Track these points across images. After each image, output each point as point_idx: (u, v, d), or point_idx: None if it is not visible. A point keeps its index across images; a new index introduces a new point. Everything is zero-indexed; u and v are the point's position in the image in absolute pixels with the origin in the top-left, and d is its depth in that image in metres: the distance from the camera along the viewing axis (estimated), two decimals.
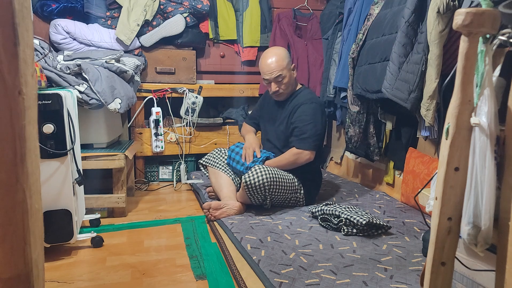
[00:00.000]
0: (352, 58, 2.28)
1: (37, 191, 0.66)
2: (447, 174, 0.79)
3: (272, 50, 2.13)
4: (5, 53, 0.58)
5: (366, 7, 2.32)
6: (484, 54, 0.75)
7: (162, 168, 2.83)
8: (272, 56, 2.06)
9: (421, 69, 1.72)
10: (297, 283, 1.31)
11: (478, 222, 0.76)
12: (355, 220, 1.68)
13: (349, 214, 1.72)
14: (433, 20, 1.60)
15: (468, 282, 0.95)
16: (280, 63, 2.04)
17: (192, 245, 1.73)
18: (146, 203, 2.34)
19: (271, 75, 2.05)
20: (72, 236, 1.59)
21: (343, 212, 1.74)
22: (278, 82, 2.06)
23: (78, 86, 1.92)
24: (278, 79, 2.05)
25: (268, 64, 2.05)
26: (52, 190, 1.53)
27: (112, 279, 1.44)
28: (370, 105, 2.30)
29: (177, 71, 2.77)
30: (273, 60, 2.05)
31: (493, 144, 0.75)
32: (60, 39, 2.41)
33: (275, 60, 2.04)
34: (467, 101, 0.77)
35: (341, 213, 1.74)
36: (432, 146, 2.04)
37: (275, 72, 2.03)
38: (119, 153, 2.07)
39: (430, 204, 1.01)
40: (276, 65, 2.03)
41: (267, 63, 2.06)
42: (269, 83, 2.09)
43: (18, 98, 0.60)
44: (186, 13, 2.69)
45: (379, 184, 2.52)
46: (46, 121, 1.49)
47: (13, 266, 0.63)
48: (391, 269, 1.42)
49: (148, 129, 2.71)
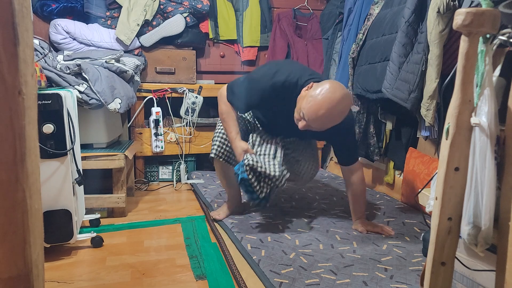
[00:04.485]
0: (352, 58, 2.28)
1: (37, 191, 0.66)
2: (447, 174, 0.79)
3: (336, 98, 1.46)
4: (5, 53, 0.58)
5: (366, 7, 2.32)
6: (484, 54, 0.75)
7: (162, 168, 2.83)
8: (332, 111, 1.47)
9: (421, 69, 1.72)
10: (297, 283, 1.31)
11: (478, 222, 0.76)
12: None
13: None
14: (433, 20, 1.61)
15: (468, 282, 0.95)
16: (339, 120, 1.53)
17: (192, 245, 1.73)
18: (146, 203, 2.34)
19: (311, 124, 1.51)
20: (72, 236, 1.59)
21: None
22: (315, 129, 1.56)
23: (78, 86, 1.92)
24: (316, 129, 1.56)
25: (322, 118, 1.48)
26: (52, 190, 1.53)
27: (112, 279, 1.44)
28: (370, 105, 2.30)
29: (177, 71, 2.77)
30: (330, 118, 1.50)
31: (493, 144, 0.75)
32: (60, 39, 2.41)
33: (333, 119, 1.51)
34: (467, 101, 0.77)
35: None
36: (432, 146, 2.04)
37: (316, 129, 1.54)
38: (119, 153, 2.07)
39: (430, 204, 1.01)
40: (330, 124, 1.53)
41: (319, 114, 1.46)
42: (301, 120, 1.54)
43: (18, 98, 0.60)
44: (186, 13, 2.69)
45: (379, 184, 2.52)
46: (46, 121, 1.49)
47: (13, 266, 0.63)
48: (391, 269, 1.42)
49: (148, 129, 2.71)
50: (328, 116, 1.48)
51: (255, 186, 1.64)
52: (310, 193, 2.41)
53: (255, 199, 1.67)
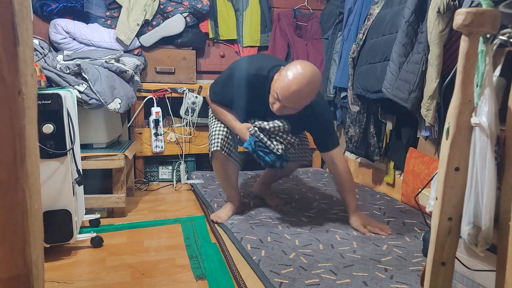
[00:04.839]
0: (352, 58, 2.28)
1: (37, 191, 0.66)
2: (448, 174, 0.79)
3: (306, 75, 1.51)
4: (5, 53, 0.58)
5: (366, 7, 2.32)
6: (485, 54, 0.75)
7: (162, 168, 2.83)
8: (304, 88, 1.52)
9: (422, 69, 1.72)
10: (297, 283, 1.31)
11: (479, 222, 0.76)
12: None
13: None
14: (434, 20, 1.61)
15: (468, 282, 0.95)
16: (310, 97, 1.58)
17: (192, 245, 1.73)
18: (146, 203, 2.34)
19: (285, 103, 1.57)
20: (71, 236, 1.59)
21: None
22: (290, 110, 1.61)
23: (78, 86, 1.91)
24: (291, 110, 1.61)
25: (294, 94, 1.52)
26: (51, 190, 1.53)
27: (112, 279, 1.44)
28: (370, 105, 2.30)
29: (177, 71, 2.77)
30: (303, 93, 1.54)
31: (494, 144, 0.74)
32: (59, 39, 2.41)
33: (305, 95, 1.55)
34: (467, 101, 0.77)
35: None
36: (432, 146, 2.04)
37: (290, 109, 1.60)
38: (119, 153, 2.07)
39: (431, 204, 1.01)
40: (303, 100, 1.58)
41: (291, 90, 1.52)
42: (276, 102, 1.60)
43: (18, 98, 0.60)
44: (186, 13, 2.69)
45: (379, 184, 2.52)
46: (46, 121, 1.49)
47: (13, 266, 0.63)
48: (391, 269, 1.42)
49: (148, 129, 2.71)
50: (300, 92, 1.53)
51: (269, 145, 1.69)
52: (310, 193, 2.41)
53: (274, 159, 1.69)
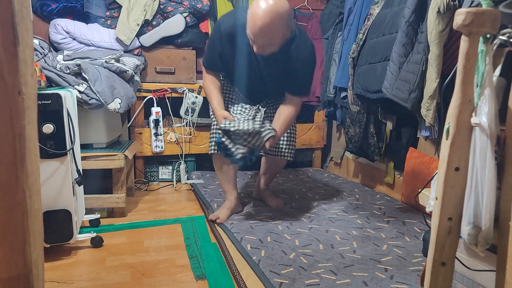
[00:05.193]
0: (352, 58, 2.28)
1: (37, 191, 0.66)
2: (448, 174, 0.79)
3: (269, 7, 1.46)
4: (5, 53, 0.58)
5: (366, 7, 2.32)
6: (485, 54, 0.75)
7: (162, 168, 2.83)
8: (269, 20, 1.46)
9: (422, 69, 1.72)
10: (297, 283, 1.31)
11: (479, 222, 0.76)
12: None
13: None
14: (434, 20, 1.60)
15: (468, 282, 0.95)
16: (283, 29, 1.53)
17: (192, 245, 1.73)
18: (146, 203, 2.34)
19: (258, 40, 1.54)
20: (71, 236, 1.59)
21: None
22: (268, 47, 1.58)
23: (78, 86, 1.91)
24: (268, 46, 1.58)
25: (262, 30, 1.48)
26: (51, 190, 1.53)
27: (112, 279, 1.44)
28: (370, 105, 2.30)
29: (177, 71, 2.77)
30: (271, 27, 1.48)
31: (494, 144, 0.74)
32: (59, 39, 2.41)
33: (274, 28, 1.48)
34: (467, 101, 0.77)
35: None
36: (433, 146, 2.04)
37: (267, 45, 1.56)
38: (119, 153, 2.07)
39: (431, 204, 1.01)
40: (274, 34, 1.52)
41: (258, 26, 1.48)
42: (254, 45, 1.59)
43: (18, 98, 0.60)
44: (186, 13, 2.69)
45: (379, 184, 2.52)
46: (45, 121, 1.49)
47: (13, 266, 0.63)
48: (391, 269, 1.42)
49: (148, 129, 2.71)
50: (267, 25, 1.47)
51: (230, 148, 1.73)
52: (310, 193, 2.41)
53: (233, 160, 1.76)
